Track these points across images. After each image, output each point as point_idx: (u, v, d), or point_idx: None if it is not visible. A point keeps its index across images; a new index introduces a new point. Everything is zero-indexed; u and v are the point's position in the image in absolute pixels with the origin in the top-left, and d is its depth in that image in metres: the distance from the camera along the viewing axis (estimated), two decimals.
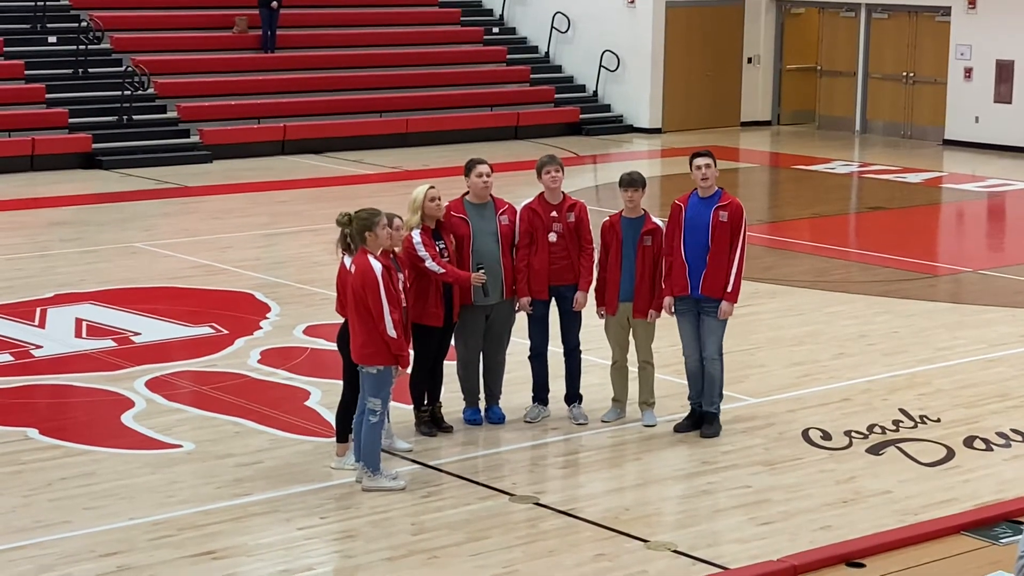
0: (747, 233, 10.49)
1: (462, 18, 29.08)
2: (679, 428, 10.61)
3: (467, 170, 10.55)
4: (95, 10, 25.47)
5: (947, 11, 26.38)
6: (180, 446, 10.28)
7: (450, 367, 10.64)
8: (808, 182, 22.99)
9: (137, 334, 13.16)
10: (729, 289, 10.35)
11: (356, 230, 9.34)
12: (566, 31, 28.78)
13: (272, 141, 24.41)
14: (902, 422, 10.90)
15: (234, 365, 12.25)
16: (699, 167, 10.40)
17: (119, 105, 23.66)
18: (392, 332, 9.23)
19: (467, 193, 10.56)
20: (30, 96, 23.40)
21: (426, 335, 10.23)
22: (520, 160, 22.29)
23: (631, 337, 10.71)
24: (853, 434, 10.60)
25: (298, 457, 10.07)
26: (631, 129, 27.83)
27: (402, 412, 10.50)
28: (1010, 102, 25.58)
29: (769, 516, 9.08)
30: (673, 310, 10.50)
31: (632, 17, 27.76)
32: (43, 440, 10.39)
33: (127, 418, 10.87)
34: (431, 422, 10.49)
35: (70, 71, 24.37)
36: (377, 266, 9.24)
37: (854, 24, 28.02)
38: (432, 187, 10.26)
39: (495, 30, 29.33)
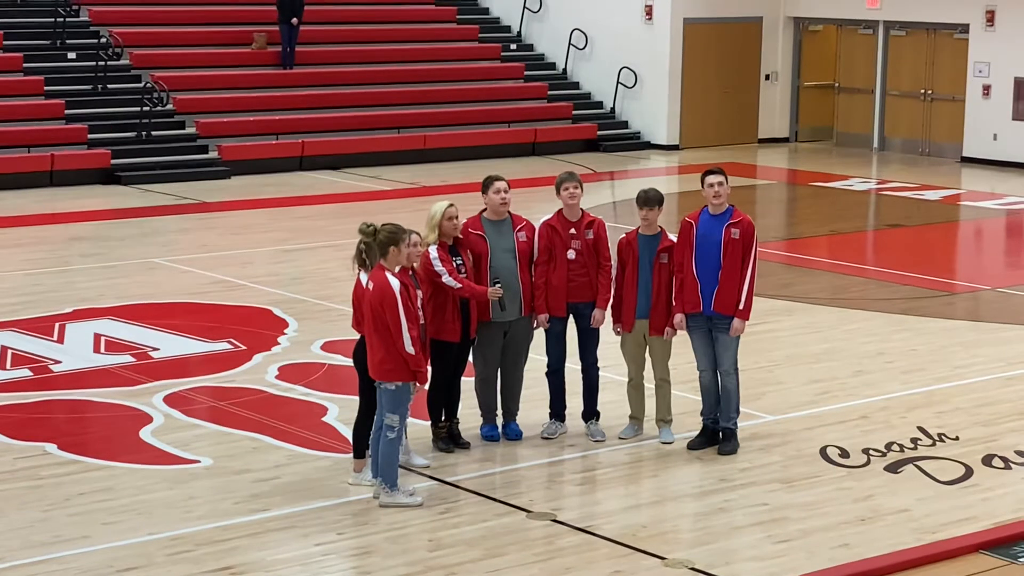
0: (759, 250, 10.49)
1: (480, 35, 29.15)
2: (692, 446, 10.60)
3: (485, 187, 10.57)
4: (114, 26, 25.59)
5: (965, 28, 26.36)
6: (198, 461, 10.30)
7: (467, 383, 10.65)
8: (826, 199, 22.97)
9: (155, 349, 13.19)
10: (741, 306, 10.34)
11: (381, 243, 9.35)
12: (584, 48, 28.82)
13: (290, 157, 24.47)
14: (920, 440, 10.88)
15: (252, 381, 12.27)
16: (711, 185, 10.39)
17: (138, 121, 23.76)
18: (410, 348, 9.24)
19: (485, 210, 10.58)
20: (49, 112, 23.50)
21: (444, 351, 10.24)
22: (538, 176, 22.32)
23: (647, 354, 10.71)
24: (871, 452, 10.58)
25: (315, 473, 10.09)
26: (648, 146, 27.83)
27: (419, 428, 10.51)
28: None
29: (787, 534, 9.06)
30: (684, 326, 10.50)
31: (650, 34, 27.79)
32: (61, 455, 10.42)
33: (145, 433, 10.90)
34: (448, 438, 10.49)
35: (89, 87, 24.47)
36: (395, 283, 9.26)
37: (872, 41, 28.01)
38: (451, 205, 10.28)
39: (513, 47, 29.38)
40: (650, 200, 10.51)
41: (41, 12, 25.48)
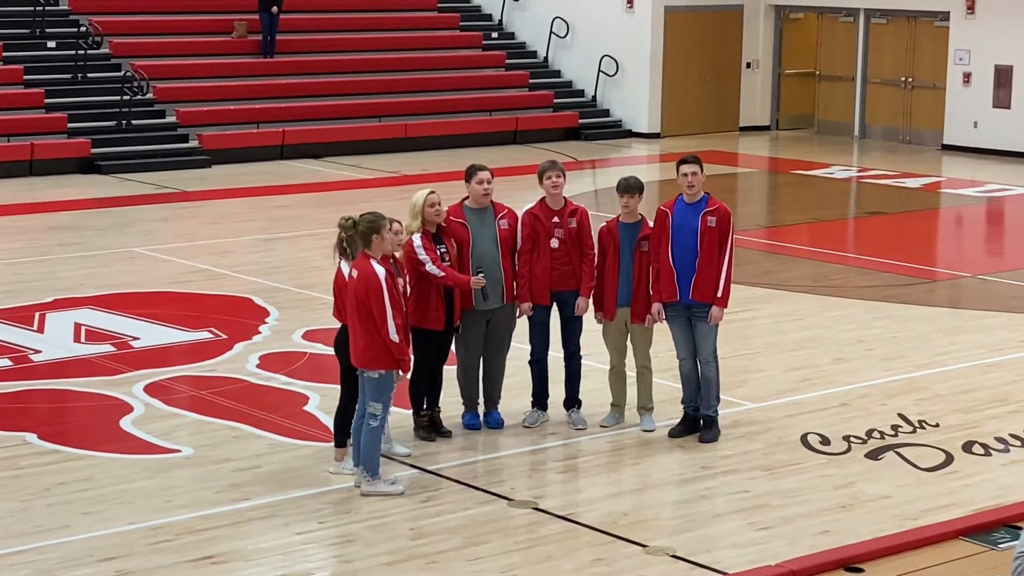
0: (737, 237, 10.48)
1: (461, 23, 29.11)
2: (673, 433, 10.61)
3: (468, 176, 10.55)
4: (94, 15, 25.49)
5: (946, 16, 26.40)
6: (179, 451, 10.28)
7: (449, 371, 10.64)
8: (807, 187, 23.00)
9: (136, 339, 13.16)
10: (719, 294, 10.34)
11: (362, 233, 9.34)
12: (565, 36, 28.80)
13: (271, 146, 24.42)
14: (901, 427, 10.90)
15: (233, 370, 12.25)
16: (685, 174, 10.38)
17: (118, 110, 23.67)
18: (395, 336, 9.24)
19: (467, 198, 10.57)
20: (29, 101, 23.42)
21: (426, 339, 10.23)
22: (519, 165, 22.31)
23: (629, 342, 10.71)
24: (852, 439, 10.61)
25: (297, 462, 10.07)
26: (630, 134, 27.84)
27: (401, 417, 10.50)
28: (1009, 107, 25.60)
29: (768, 521, 9.08)
30: (662, 317, 10.50)
31: (631, 22, 27.78)
32: (42, 445, 10.39)
33: (126, 423, 10.87)
34: (430, 427, 10.49)
35: (69, 76, 24.38)
36: (381, 271, 9.25)
37: (853, 29, 28.04)
38: (432, 192, 10.26)
39: (494, 35, 29.35)
40: (630, 187, 10.51)
41: (20, 0, 25.33)
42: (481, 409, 10.76)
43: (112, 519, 9.01)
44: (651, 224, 10.59)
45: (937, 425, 10.95)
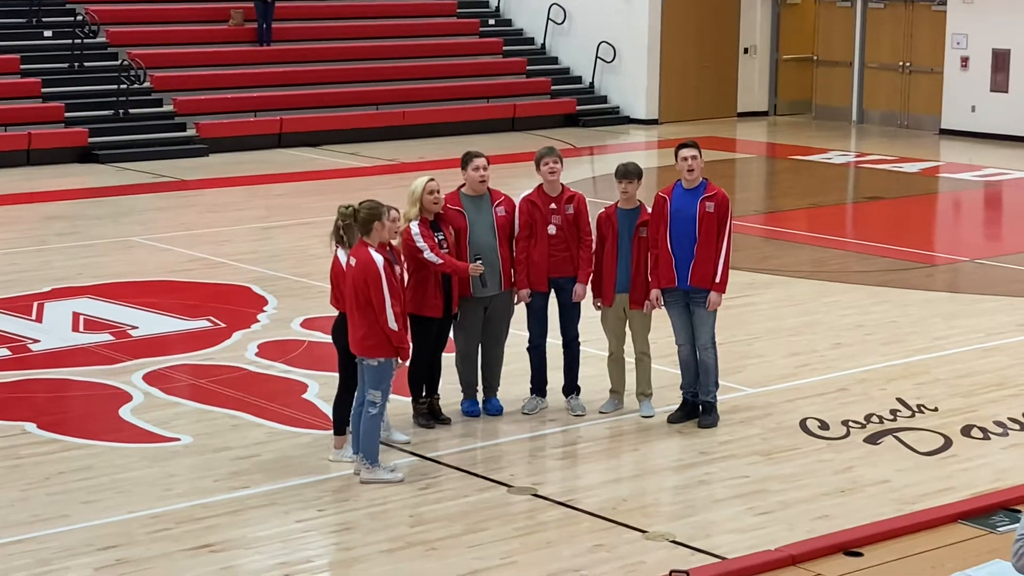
0: (735, 223, 10.47)
1: (458, 10, 29.07)
2: (672, 419, 10.61)
3: (464, 163, 10.55)
4: (90, 4, 25.44)
5: (943, 0, 26.36)
6: (178, 439, 10.29)
7: (448, 359, 10.64)
8: (805, 172, 22.99)
9: (134, 328, 13.16)
10: (717, 279, 10.33)
11: (362, 220, 9.33)
12: (562, 22, 28.76)
13: (268, 134, 24.40)
14: (899, 411, 10.91)
15: (232, 358, 12.25)
16: (685, 158, 10.38)
17: (115, 99, 23.63)
18: (394, 324, 9.24)
19: (463, 185, 10.56)
20: (26, 90, 23.38)
21: (425, 327, 10.23)
22: (517, 152, 22.29)
23: (627, 328, 10.71)
24: (851, 424, 10.61)
25: (296, 450, 10.08)
26: (628, 120, 27.82)
27: (400, 404, 10.50)
28: (1006, 91, 25.58)
29: (767, 506, 9.09)
30: (661, 303, 10.50)
31: (628, 8, 27.74)
32: (41, 434, 10.39)
33: (125, 412, 10.87)
34: (429, 414, 10.49)
35: (66, 65, 24.34)
36: (379, 259, 9.25)
37: (850, 14, 28.01)
38: (432, 179, 10.26)
39: (491, 22, 29.31)
40: (629, 173, 10.50)
41: None
42: (480, 396, 10.76)
43: (111, 508, 9.02)
44: (650, 210, 10.58)
45: (936, 409, 10.96)
